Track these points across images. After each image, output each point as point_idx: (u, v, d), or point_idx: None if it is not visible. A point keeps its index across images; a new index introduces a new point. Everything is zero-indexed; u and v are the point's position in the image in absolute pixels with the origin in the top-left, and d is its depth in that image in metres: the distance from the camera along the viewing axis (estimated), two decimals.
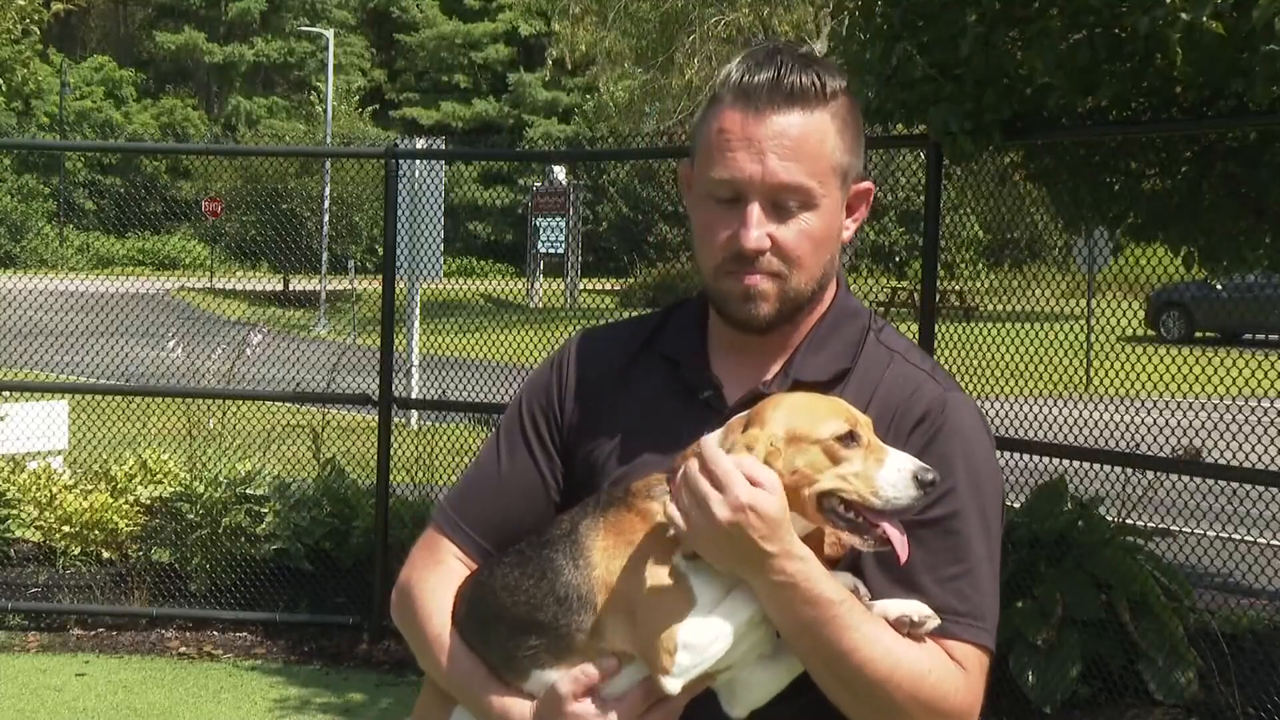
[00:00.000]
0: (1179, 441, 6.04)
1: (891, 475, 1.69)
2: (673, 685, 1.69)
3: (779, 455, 1.70)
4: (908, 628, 1.73)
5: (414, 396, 8.51)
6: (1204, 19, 4.36)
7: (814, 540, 1.74)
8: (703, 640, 1.69)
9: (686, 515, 1.69)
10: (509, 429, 2.01)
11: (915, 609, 1.74)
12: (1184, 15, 4.40)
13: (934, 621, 1.74)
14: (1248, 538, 6.41)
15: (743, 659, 1.74)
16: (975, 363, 6.05)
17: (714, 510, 1.66)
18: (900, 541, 1.70)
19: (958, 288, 11.80)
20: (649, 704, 1.75)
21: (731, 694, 1.77)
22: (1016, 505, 6.12)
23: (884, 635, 1.71)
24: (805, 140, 1.81)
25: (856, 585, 1.75)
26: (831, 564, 1.75)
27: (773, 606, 1.69)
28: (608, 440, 1.93)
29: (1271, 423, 5.94)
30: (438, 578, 1.95)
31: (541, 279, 15.45)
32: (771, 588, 1.68)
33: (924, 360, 1.92)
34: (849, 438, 1.71)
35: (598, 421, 1.95)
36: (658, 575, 1.72)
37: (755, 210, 1.81)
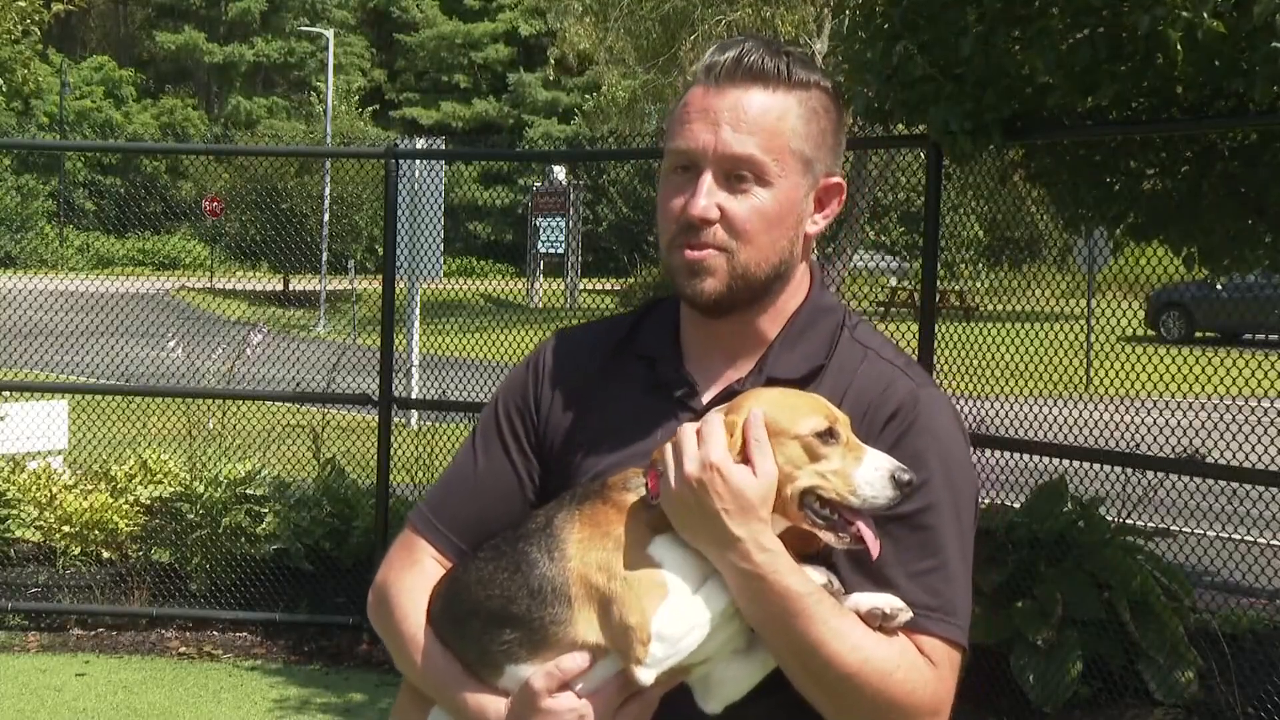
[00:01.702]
0: (1179, 441, 6.04)
1: (869, 474, 1.69)
2: (646, 676, 1.70)
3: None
4: (879, 621, 1.73)
5: (414, 396, 8.51)
6: (1204, 18, 4.35)
7: (787, 536, 1.74)
8: (677, 631, 1.69)
9: (665, 473, 1.71)
10: (485, 430, 2.01)
11: (887, 602, 1.73)
12: (1184, 14, 4.40)
13: (906, 614, 1.74)
14: (1248, 538, 6.41)
15: (718, 653, 1.74)
16: (975, 363, 6.05)
17: (684, 462, 1.69)
18: (873, 541, 1.70)
19: (958, 288, 11.79)
20: (624, 697, 1.75)
21: (706, 689, 1.77)
22: (1016, 505, 6.12)
23: (853, 630, 1.71)
24: (762, 115, 1.82)
25: (830, 579, 1.75)
26: (805, 558, 1.75)
27: (742, 597, 1.70)
28: (584, 439, 1.93)
29: (1271, 423, 5.94)
30: (414, 578, 1.95)
31: (541, 279, 15.44)
32: (740, 576, 1.69)
33: (898, 356, 1.92)
34: (828, 434, 1.71)
35: (574, 421, 1.95)
36: (632, 566, 1.73)
37: (707, 179, 1.82)
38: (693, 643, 1.70)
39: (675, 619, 1.69)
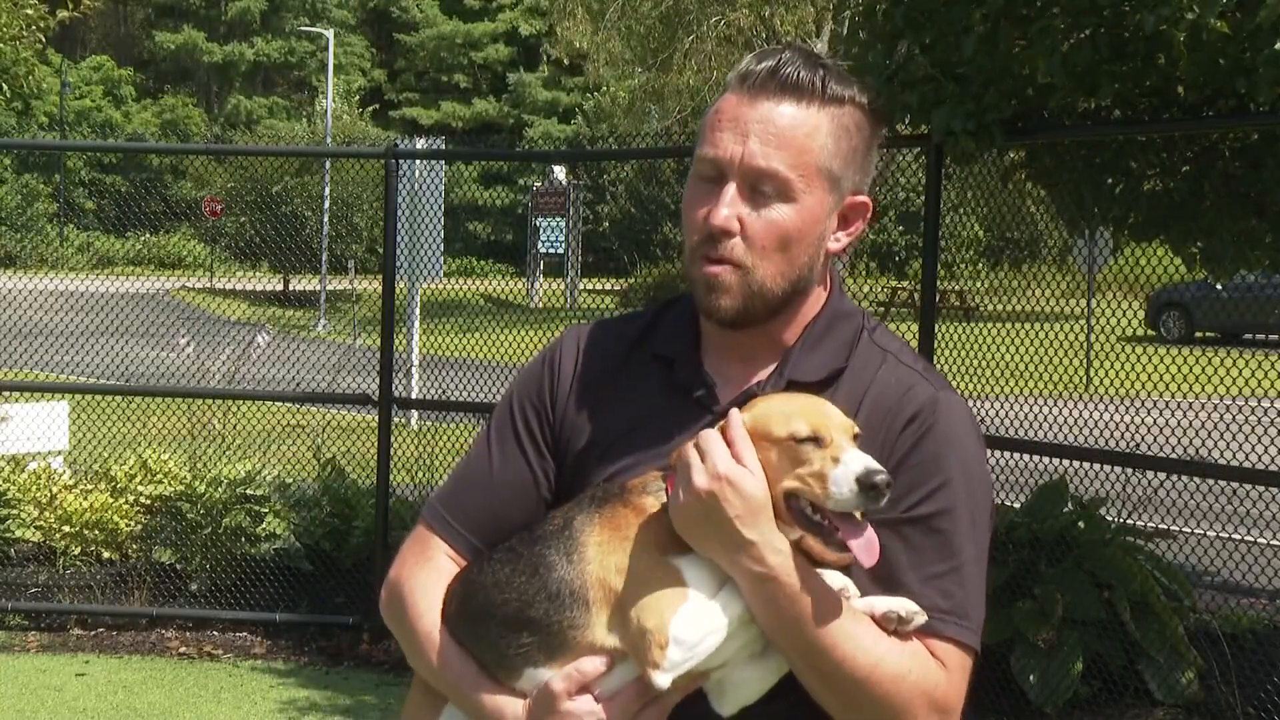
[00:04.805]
0: (1180, 441, 6.04)
1: (840, 473, 1.68)
2: (663, 680, 1.69)
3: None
4: (894, 624, 1.73)
5: (414, 396, 8.51)
6: (1210, 21, 4.35)
7: (797, 547, 1.74)
8: (695, 635, 1.69)
9: (675, 488, 1.71)
10: (500, 425, 2.00)
11: (902, 606, 1.73)
12: (1190, 15, 4.40)
13: (921, 619, 1.73)
14: (1248, 538, 6.41)
15: (734, 657, 1.74)
16: (975, 363, 6.05)
17: (693, 477, 1.69)
18: (862, 550, 1.68)
19: (958, 288, 11.79)
20: (643, 701, 1.74)
21: (720, 692, 1.77)
22: (1016, 505, 6.12)
23: (866, 634, 1.71)
24: (792, 131, 1.81)
25: (846, 584, 1.75)
26: (820, 564, 1.74)
27: (755, 601, 1.70)
28: (600, 438, 1.92)
29: (1271, 423, 5.94)
30: (427, 575, 1.93)
31: (541, 279, 15.44)
32: (753, 580, 1.68)
33: (916, 361, 1.92)
34: (809, 439, 1.70)
35: (590, 419, 1.94)
36: (651, 570, 1.72)
37: (730, 190, 1.81)
38: (710, 647, 1.70)
39: (693, 623, 1.69)
